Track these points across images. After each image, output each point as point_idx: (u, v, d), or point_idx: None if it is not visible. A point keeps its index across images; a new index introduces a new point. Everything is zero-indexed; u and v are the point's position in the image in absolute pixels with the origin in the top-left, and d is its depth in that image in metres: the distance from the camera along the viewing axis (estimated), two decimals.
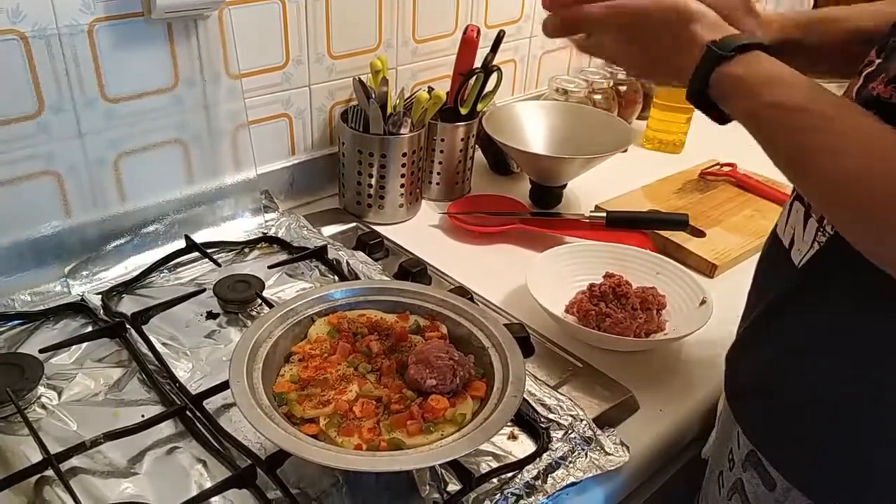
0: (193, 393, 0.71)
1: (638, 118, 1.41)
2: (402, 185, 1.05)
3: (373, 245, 0.97)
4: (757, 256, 0.70)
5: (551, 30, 0.64)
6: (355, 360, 0.66)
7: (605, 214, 1.05)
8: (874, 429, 0.56)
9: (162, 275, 0.91)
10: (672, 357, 0.83)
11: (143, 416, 0.69)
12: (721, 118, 0.58)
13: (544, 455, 0.66)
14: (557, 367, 0.79)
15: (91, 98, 0.83)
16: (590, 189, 1.16)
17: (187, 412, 0.69)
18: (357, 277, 0.89)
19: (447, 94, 1.05)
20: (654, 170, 1.26)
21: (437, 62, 1.19)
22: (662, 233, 1.03)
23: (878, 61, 0.55)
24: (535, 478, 0.64)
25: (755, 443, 0.63)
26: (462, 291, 0.85)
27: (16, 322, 0.80)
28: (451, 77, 1.13)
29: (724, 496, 0.68)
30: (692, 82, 0.57)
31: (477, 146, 1.17)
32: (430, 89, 1.04)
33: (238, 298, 0.84)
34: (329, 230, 1.03)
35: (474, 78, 1.10)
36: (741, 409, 0.66)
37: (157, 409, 0.70)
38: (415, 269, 0.90)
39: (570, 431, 0.68)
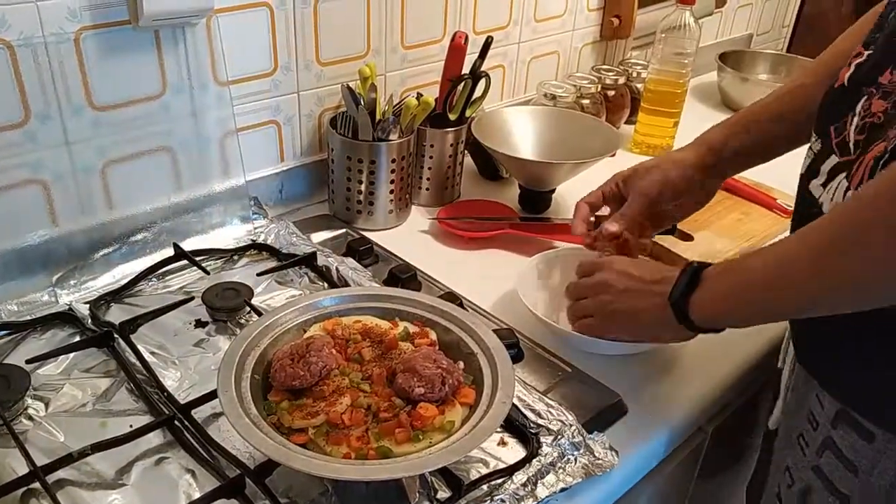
0: (182, 402, 0.70)
1: (626, 123, 1.42)
2: (392, 191, 1.05)
3: (362, 251, 0.97)
4: None
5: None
6: (347, 370, 0.66)
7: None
8: None
9: (150, 283, 0.90)
10: (660, 361, 0.84)
11: (131, 426, 0.68)
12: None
13: (534, 461, 0.66)
14: (546, 373, 0.79)
15: (78, 106, 0.83)
16: (579, 194, 1.15)
17: (176, 422, 0.69)
18: (347, 284, 0.89)
19: (436, 100, 1.06)
20: None
21: (425, 68, 1.19)
22: None
23: (867, 52, 0.61)
24: (525, 484, 0.64)
25: (844, 401, 0.63)
26: (452, 297, 0.85)
27: (2, 332, 0.80)
28: (439, 83, 1.13)
29: (813, 455, 0.66)
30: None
31: (466, 152, 1.17)
32: (419, 95, 1.05)
33: (227, 306, 0.84)
34: (318, 237, 1.03)
35: (463, 84, 1.10)
36: (824, 371, 0.66)
37: (145, 419, 0.70)
38: (404, 275, 0.90)
39: (559, 437, 0.68)
